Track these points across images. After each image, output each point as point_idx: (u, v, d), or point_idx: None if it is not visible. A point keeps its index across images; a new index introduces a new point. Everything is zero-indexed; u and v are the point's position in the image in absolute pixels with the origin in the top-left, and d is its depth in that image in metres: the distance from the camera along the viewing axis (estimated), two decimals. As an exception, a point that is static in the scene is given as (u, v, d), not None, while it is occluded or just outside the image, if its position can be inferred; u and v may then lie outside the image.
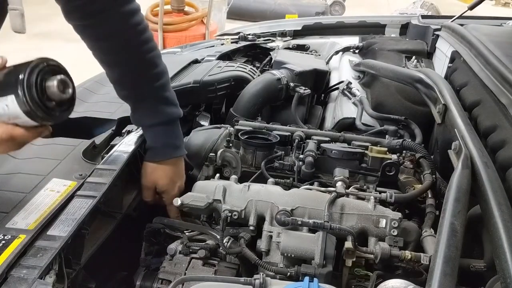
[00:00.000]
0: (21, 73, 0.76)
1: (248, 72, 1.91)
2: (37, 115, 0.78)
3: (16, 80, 0.76)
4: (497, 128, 1.17)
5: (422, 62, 2.11)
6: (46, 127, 0.85)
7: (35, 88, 0.76)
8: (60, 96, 0.79)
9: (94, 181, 1.10)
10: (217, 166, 1.39)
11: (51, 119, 0.81)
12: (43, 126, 0.84)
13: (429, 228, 1.14)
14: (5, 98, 0.77)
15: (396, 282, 0.92)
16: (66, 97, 0.80)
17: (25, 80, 0.75)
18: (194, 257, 1.15)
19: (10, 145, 0.84)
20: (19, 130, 0.82)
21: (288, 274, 1.02)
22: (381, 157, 1.35)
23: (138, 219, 1.28)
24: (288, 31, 2.63)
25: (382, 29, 2.65)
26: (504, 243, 0.80)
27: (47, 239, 0.91)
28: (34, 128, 0.83)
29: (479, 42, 1.59)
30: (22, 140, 0.85)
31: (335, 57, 2.39)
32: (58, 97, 0.79)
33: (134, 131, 1.36)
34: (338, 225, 1.07)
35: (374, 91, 1.85)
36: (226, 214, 1.13)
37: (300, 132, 1.49)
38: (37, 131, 0.84)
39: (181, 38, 4.72)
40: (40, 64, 0.78)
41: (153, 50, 1.21)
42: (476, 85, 1.44)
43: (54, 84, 0.78)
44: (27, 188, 1.07)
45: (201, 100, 1.76)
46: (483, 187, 0.95)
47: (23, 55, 1.15)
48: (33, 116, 0.78)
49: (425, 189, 1.24)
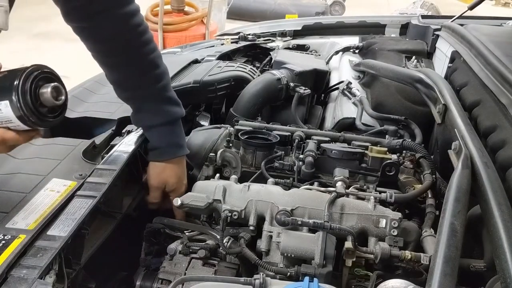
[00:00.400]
0: (16, 79, 0.78)
1: (248, 72, 1.91)
2: (30, 120, 0.81)
3: (11, 86, 0.78)
4: (497, 128, 1.17)
5: (422, 62, 2.11)
6: (37, 131, 0.88)
7: (29, 94, 0.79)
8: (53, 103, 0.83)
9: (94, 181, 1.10)
10: (217, 166, 1.39)
11: (43, 124, 0.84)
12: (34, 130, 0.87)
13: (429, 228, 1.14)
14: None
15: (396, 282, 0.92)
16: (59, 104, 0.84)
17: (19, 86, 0.78)
18: (194, 257, 1.15)
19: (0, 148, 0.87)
20: (11, 134, 0.84)
21: (288, 274, 1.02)
22: (381, 157, 1.35)
23: (138, 219, 1.28)
24: (288, 31, 2.63)
25: (382, 29, 2.65)
26: (504, 243, 0.80)
27: (47, 239, 0.91)
28: (26, 132, 0.86)
29: (479, 42, 1.59)
30: (13, 143, 0.87)
31: (335, 57, 2.39)
32: (51, 103, 0.82)
33: (134, 131, 1.36)
34: (338, 225, 1.07)
35: (374, 91, 1.85)
36: (226, 214, 1.13)
37: (300, 132, 1.49)
38: (28, 135, 0.87)
39: (181, 38, 4.72)
40: (34, 71, 0.81)
41: (154, 51, 1.21)
42: (476, 85, 1.44)
43: (48, 91, 0.81)
44: (27, 188, 1.07)
45: (201, 100, 1.77)
46: (483, 187, 0.95)
47: (23, 55, 1.16)
48: (26, 121, 0.81)
49: (425, 189, 1.24)
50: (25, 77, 0.79)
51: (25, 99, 0.79)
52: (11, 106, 0.79)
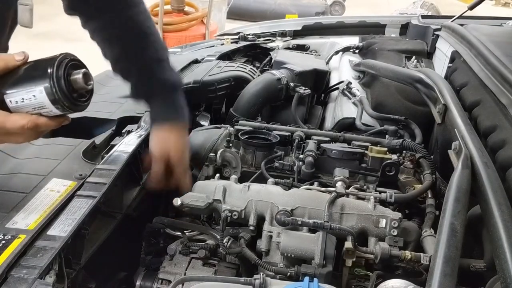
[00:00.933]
0: (49, 67, 0.84)
1: (248, 72, 1.91)
2: (64, 105, 0.87)
3: (45, 73, 0.84)
4: (497, 128, 1.17)
5: (422, 62, 2.11)
6: (66, 117, 0.93)
7: (63, 79, 0.85)
8: (85, 88, 0.89)
9: (94, 181, 1.10)
10: (217, 166, 1.39)
11: (75, 108, 0.89)
12: (63, 116, 0.92)
13: (429, 228, 1.14)
14: (33, 89, 0.85)
15: (396, 282, 0.92)
16: (89, 88, 0.90)
17: (54, 73, 0.84)
18: (194, 257, 1.15)
19: (32, 134, 0.91)
20: (43, 119, 0.89)
21: (288, 274, 1.02)
22: (381, 157, 1.35)
23: (138, 219, 1.28)
24: (288, 31, 2.63)
25: (382, 29, 2.65)
26: (504, 243, 0.80)
27: (47, 239, 0.91)
28: (56, 118, 0.91)
29: (479, 42, 1.59)
30: (44, 129, 0.92)
31: (335, 57, 2.39)
32: (82, 88, 0.88)
33: (134, 131, 1.36)
34: (338, 225, 1.07)
35: (374, 91, 1.85)
36: (226, 214, 1.13)
37: (300, 132, 1.49)
38: (58, 121, 0.92)
39: (181, 38, 4.72)
40: (64, 59, 0.87)
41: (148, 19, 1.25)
42: (476, 85, 1.44)
43: (80, 77, 0.87)
44: (27, 188, 1.07)
45: (201, 100, 1.76)
46: (483, 187, 0.95)
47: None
48: (60, 106, 0.87)
49: (425, 189, 1.24)
50: (58, 64, 0.85)
51: (60, 84, 0.85)
52: (46, 92, 0.85)
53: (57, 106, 0.87)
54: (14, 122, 0.86)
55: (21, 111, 0.88)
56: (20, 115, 0.87)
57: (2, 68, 0.87)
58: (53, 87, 0.84)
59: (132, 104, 1.56)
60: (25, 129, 0.87)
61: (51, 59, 0.86)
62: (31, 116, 0.88)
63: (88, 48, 1.40)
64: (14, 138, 0.90)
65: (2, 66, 0.87)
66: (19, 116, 0.87)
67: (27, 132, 0.89)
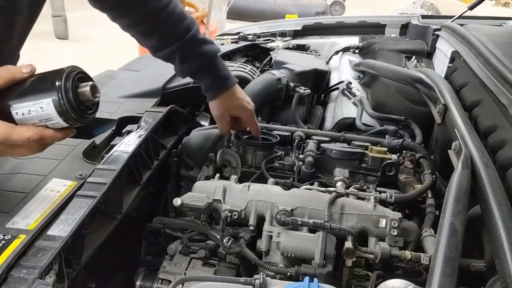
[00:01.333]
0: (57, 80, 0.85)
1: (248, 72, 1.91)
2: (71, 117, 0.87)
3: (53, 85, 0.85)
4: (497, 128, 1.17)
5: (422, 62, 2.11)
6: (71, 129, 0.93)
7: (70, 92, 0.85)
8: (92, 100, 0.89)
9: (94, 181, 1.10)
10: (217, 166, 1.39)
11: (82, 120, 0.90)
12: (69, 128, 0.91)
13: (429, 228, 1.14)
14: (40, 101, 0.85)
15: (396, 282, 0.92)
16: (96, 101, 0.90)
17: (62, 85, 0.85)
18: (194, 257, 1.15)
19: (37, 147, 0.90)
20: (49, 131, 0.89)
21: (288, 274, 1.02)
22: (381, 157, 1.35)
23: (138, 219, 1.28)
24: (288, 31, 2.63)
25: (382, 29, 2.65)
26: (504, 243, 0.80)
27: (47, 239, 0.91)
28: (62, 130, 0.91)
29: (479, 42, 1.59)
30: (50, 141, 0.91)
31: (335, 57, 2.38)
32: (89, 100, 0.89)
33: (134, 131, 1.36)
34: (338, 225, 1.07)
35: (374, 91, 1.85)
36: (226, 214, 1.13)
37: (300, 132, 1.49)
38: (64, 133, 0.92)
39: (181, 38, 4.71)
40: (72, 72, 0.87)
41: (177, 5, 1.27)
42: (476, 85, 1.44)
43: (88, 89, 0.88)
44: (27, 188, 1.07)
45: (201, 100, 1.76)
46: (483, 187, 0.95)
47: (24, 55, 1.15)
48: (67, 118, 0.87)
49: (425, 189, 1.24)
50: (66, 76, 0.86)
51: (68, 96, 0.85)
52: (54, 104, 0.85)
53: (64, 118, 0.87)
54: (20, 134, 0.86)
55: (26, 123, 0.87)
56: (26, 127, 0.87)
57: (9, 80, 0.86)
58: (61, 99, 0.84)
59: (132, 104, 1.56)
60: (30, 141, 0.86)
61: (59, 71, 0.87)
62: (37, 128, 0.87)
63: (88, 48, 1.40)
64: (18, 151, 0.89)
65: (9, 78, 0.86)
66: (25, 128, 0.87)
67: (33, 145, 0.88)
